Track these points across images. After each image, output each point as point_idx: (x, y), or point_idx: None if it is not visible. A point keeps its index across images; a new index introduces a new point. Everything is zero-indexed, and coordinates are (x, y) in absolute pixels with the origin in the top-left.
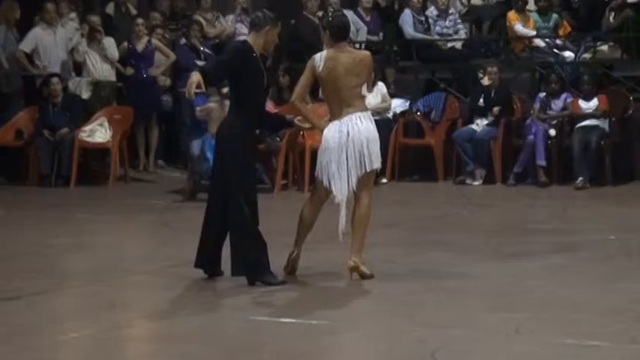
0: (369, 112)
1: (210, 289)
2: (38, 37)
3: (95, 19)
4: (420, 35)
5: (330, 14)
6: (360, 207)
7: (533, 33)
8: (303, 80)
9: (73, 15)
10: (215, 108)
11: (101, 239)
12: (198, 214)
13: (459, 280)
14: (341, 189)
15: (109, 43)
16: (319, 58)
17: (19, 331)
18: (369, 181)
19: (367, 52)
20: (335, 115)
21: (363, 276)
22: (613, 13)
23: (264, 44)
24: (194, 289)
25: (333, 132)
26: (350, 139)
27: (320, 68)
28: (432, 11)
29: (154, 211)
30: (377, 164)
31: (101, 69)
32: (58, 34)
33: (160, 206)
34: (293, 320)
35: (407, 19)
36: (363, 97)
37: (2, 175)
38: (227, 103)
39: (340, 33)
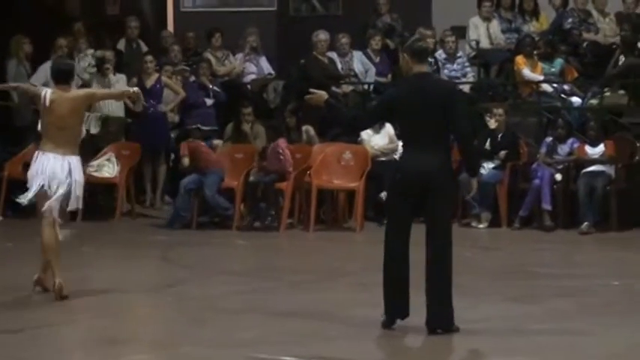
0: None
1: (213, 324)
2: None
3: (108, 54)
4: None
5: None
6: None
7: (541, 78)
8: None
9: (90, 51)
10: None
11: (106, 273)
12: (200, 250)
13: (461, 323)
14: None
15: (118, 78)
16: None
17: None
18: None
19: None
20: None
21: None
22: (622, 57)
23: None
24: (196, 325)
25: None
26: None
27: None
28: (440, 54)
29: (159, 246)
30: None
31: (109, 104)
32: None
33: (164, 242)
34: (293, 358)
35: None
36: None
37: (9, 209)
38: None
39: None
